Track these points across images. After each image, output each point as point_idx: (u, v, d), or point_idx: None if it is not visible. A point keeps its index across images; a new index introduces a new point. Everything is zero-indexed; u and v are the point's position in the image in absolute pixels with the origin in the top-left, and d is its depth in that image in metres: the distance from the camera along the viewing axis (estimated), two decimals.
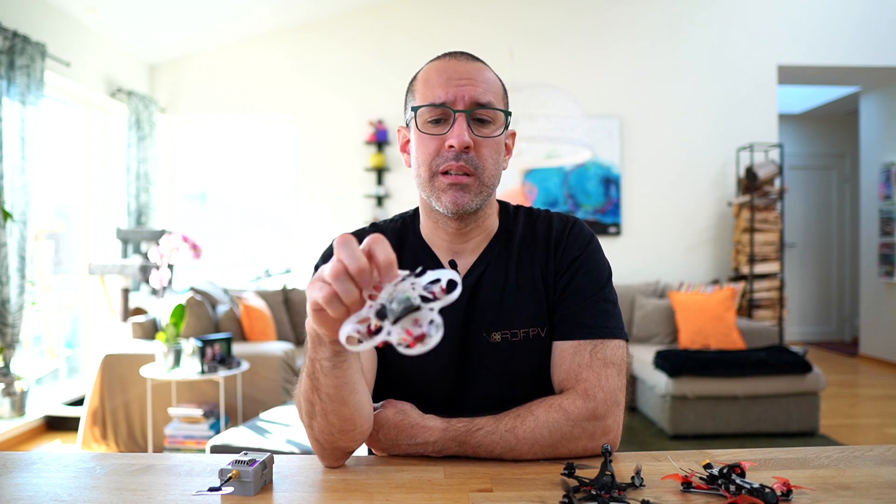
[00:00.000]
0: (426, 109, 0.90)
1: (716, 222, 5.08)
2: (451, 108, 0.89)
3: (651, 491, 0.74)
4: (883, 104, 5.58)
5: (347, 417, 0.79)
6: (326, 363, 0.74)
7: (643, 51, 5.06)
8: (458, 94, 0.89)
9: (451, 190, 0.89)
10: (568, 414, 0.86)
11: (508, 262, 0.98)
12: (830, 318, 6.88)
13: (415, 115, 0.91)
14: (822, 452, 0.88)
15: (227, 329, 3.72)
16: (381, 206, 4.95)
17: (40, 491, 0.75)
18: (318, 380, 0.76)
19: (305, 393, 0.79)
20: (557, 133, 3.08)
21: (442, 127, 0.90)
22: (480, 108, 0.90)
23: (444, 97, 0.89)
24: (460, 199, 0.89)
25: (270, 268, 5.08)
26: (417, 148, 0.92)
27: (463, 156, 0.88)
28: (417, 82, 0.94)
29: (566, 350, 0.92)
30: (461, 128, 0.88)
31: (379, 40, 4.98)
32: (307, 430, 0.83)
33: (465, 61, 0.92)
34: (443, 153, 0.89)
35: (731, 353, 3.56)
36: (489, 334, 0.95)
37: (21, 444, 3.38)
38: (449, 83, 0.89)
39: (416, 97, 0.93)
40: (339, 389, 0.76)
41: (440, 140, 0.89)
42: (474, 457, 0.86)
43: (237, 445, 2.20)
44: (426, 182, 0.91)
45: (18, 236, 3.28)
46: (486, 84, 0.91)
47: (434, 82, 0.90)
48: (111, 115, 4.54)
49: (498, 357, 0.95)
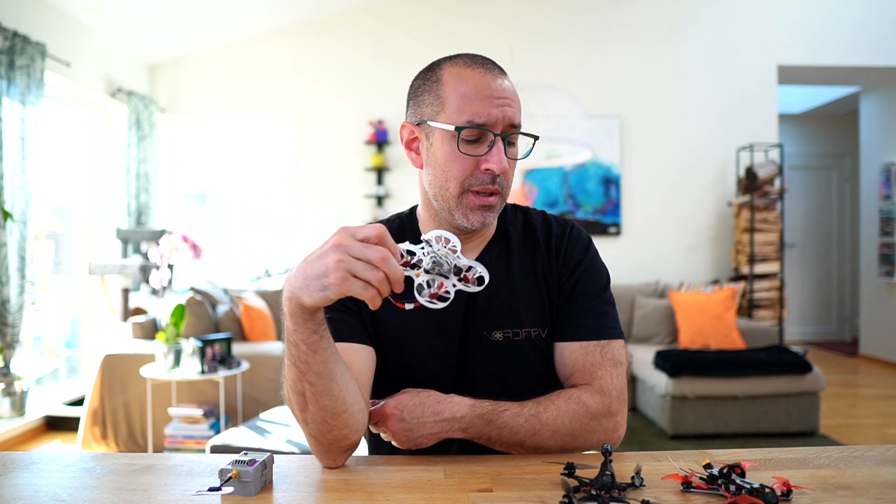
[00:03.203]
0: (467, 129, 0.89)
1: (716, 222, 5.08)
2: (493, 132, 0.88)
3: (651, 491, 0.74)
4: (883, 104, 5.58)
5: (338, 395, 0.80)
6: (314, 336, 0.75)
7: (643, 51, 5.06)
8: (498, 117, 0.88)
9: (482, 210, 0.92)
10: (587, 407, 0.90)
11: (508, 262, 1.00)
12: (830, 318, 6.88)
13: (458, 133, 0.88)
14: (822, 452, 0.88)
15: (227, 329, 3.72)
16: (381, 206, 4.95)
17: (40, 491, 0.75)
18: (304, 363, 0.77)
19: (293, 385, 0.80)
20: (557, 133, 3.08)
21: (477, 146, 0.89)
22: (514, 130, 0.90)
23: (485, 118, 0.88)
24: (488, 219, 0.93)
25: (270, 268, 5.08)
26: (448, 162, 0.91)
27: (497, 178, 0.90)
28: (445, 88, 0.90)
29: (577, 350, 0.95)
30: (501, 153, 0.88)
31: (379, 40, 4.98)
32: (303, 428, 0.83)
33: (499, 76, 0.91)
34: (478, 174, 0.90)
35: (731, 353, 3.56)
36: (490, 333, 0.96)
37: (21, 444, 3.38)
38: (490, 102, 0.88)
39: (445, 105, 0.89)
40: (328, 364, 0.78)
41: (476, 160, 0.90)
42: (497, 440, 0.88)
43: (237, 445, 2.20)
44: (454, 197, 0.92)
45: (18, 236, 3.28)
46: (517, 103, 0.91)
47: (473, 99, 0.88)
48: (111, 115, 4.54)
49: (499, 356, 0.96)
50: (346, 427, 0.82)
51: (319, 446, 0.83)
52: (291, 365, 0.78)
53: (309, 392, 0.79)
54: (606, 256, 1.05)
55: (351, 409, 0.82)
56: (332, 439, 0.82)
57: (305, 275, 0.71)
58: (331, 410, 0.80)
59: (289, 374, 0.80)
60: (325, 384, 0.78)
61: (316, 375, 0.78)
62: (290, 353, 0.78)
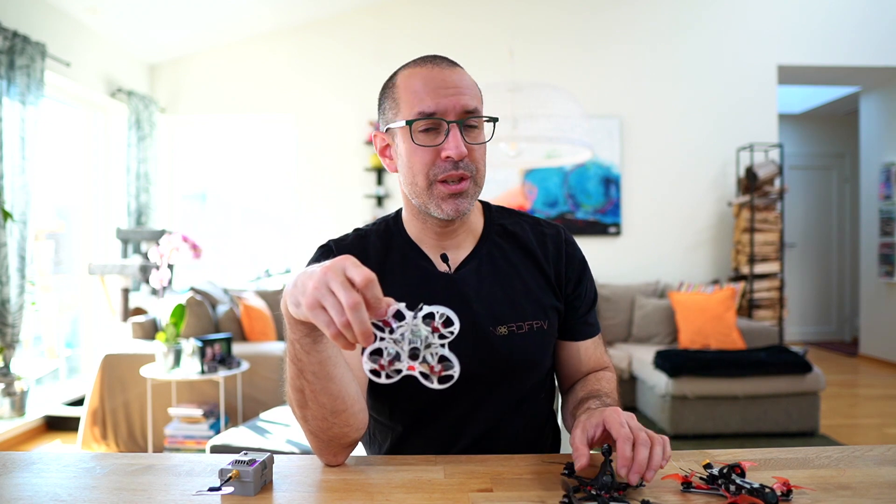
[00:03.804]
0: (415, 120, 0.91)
1: (716, 222, 5.08)
2: (445, 120, 0.90)
3: (651, 491, 0.74)
4: (883, 104, 5.58)
5: (337, 395, 0.81)
6: (306, 339, 0.76)
7: (643, 51, 5.06)
8: (448, 105, 0.90)
9: (452, 199, 0.93)
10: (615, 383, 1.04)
11: (503, 259, 1.02)
12: (830, 318, 6.88)
13: (409, 127, 0.92)
14: (822, 452, 0.88)
15: (227, 329, 3.72)
16: (381, 205, 4.95)
17: (40, 491, 0.75)
18: (301, 361, 0.78)
19: (293, 381, 0.80)
20: (557, 133, 3.08)
21: (433, 136, 0.91)
22: (470, 115, 0.92)
23: (434, 107, 0.90)
24: (461, 206, 0.93)
25: (270, 268, 5.08)
26: (410, 157, 0.93)
27: (460, 164, 0.91)
28: (399, 90, 0.94)
29: (590, 347, 1.07)
30: (457, 139, 0.90)
31: (379, 40, 4.98)
32: (303, 426, 0.84)
33: (448, 68, 0.93)
34: (439, 163, 0.91)
35: (731, 353, 3.56)
36: (496, 328, 0.97)
37: (21, 444, 3.38)
38: (438, 93, 0.90)
39: (399, 106, 0.93)
40: (324, 365, 0.78)
41: (435, 150, 0.91)
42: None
43: (237, 445, 2.20)
44: (423, 191, 0.94)
45: (18, 236, 3.28)
46: (470, 90, 0.93)
47: (421, 91, 0.91)
48: (111, 115, 4.54)
49: (505, 350, 0.97)
50: (347, 425, 0.83)
51: (319, 443, 0.84)
52: (290, 362, 0.80)
53: (307, 389, 0.80)
54: (606, 256, 1.09)
55: (351, 408, 0.83)
56: (332, 436, 0.83)
57: (295, 284, 0.71)
58: (330, 408, 0.81)
59: (289, 372, 0.81)
60: (322, 384, 0.79)
61: (312, 374, 0.79)
62: (289, 351, 0.79)
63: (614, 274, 4.97)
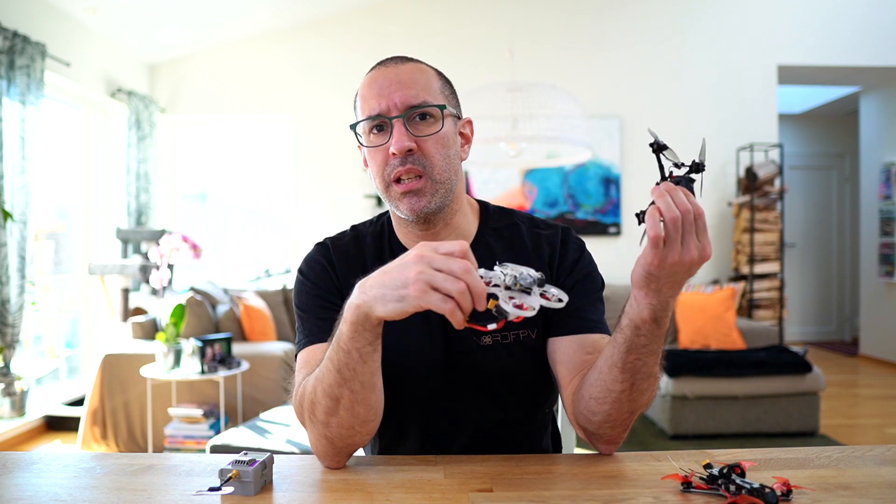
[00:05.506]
0: (364, 123, 0.92)
1: (716, 222, 5.08)
2: (386, 117, 0.90)
3: (651, 491, 0.74)
4: (883, 104, 5.58)
5: (373, 405, 0.81)
6: (368, 347, 0.76)
7: (643, 51, 5.06)
8: (389, 102, 0.90)
9: (405, 198, 0.91)
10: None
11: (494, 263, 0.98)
12: (830, 318, 6.88)
13: (359, 130, 0.93)
14: (822, 452, 0.88)
15: (227, 329, 3.72)
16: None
17: (40, 491, 0.75)
18: (351, 370, 0.76)
19: (329, 389, 0.78)
20: (557, 133, 3.08)
21: (383, 136, 0.91)
22: (413, 109, 0.90)
23: (377, 108, 0.90)
24: (416, 205, 0.91)
25: (270, 268, 5.08)
26: (369, 161, 0.94)
27: (409, 159, 0.90)
28: (357, 97, 0.95)
29: (599, 342, 0.93)
30: (399, 133, 0.89)
31: (378, 41, 4.98)
32: (319, 430, 0.82)
33: (394, 66, 0.93)
34: (390, 162, 0.91)
35: (731, 353, 3.56)
36: (480, 337, 0.94)
37: (21, 444, 3.38)
38: (381, 93, 0.90)
39: (357, 112, 0.95)
40: (374, 375, 0.79)
41: (384, 150, 0.91)
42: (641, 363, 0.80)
43: (237, 445, 2.20)
44: (384, 192, 0.94)
45: (18, 236, 3.28)
46: (416, 84, 0.91)
47: (367, 95, 0.92)
48: (111, 115, 4.54)
49: (488, 359, 0.94)
50: (368, 434, 0.83)
51: (333, 448, 0.83)
52: (335, 370, 0.77)
53: (347, 399, 0.78)
54: (606, 256, 1.06)
55: (377, 419, 0.84)
56: (350, 444, 0.83)
57: (383, 284, 0.71)
58: (362, 418, 0.80)
59: (326, 378, 0.79)
60: (366, 393, 0.79)
61: (360, 384, 0.78)
62: (338, 359, 0.77)
63: (614, 274, 4.94)
